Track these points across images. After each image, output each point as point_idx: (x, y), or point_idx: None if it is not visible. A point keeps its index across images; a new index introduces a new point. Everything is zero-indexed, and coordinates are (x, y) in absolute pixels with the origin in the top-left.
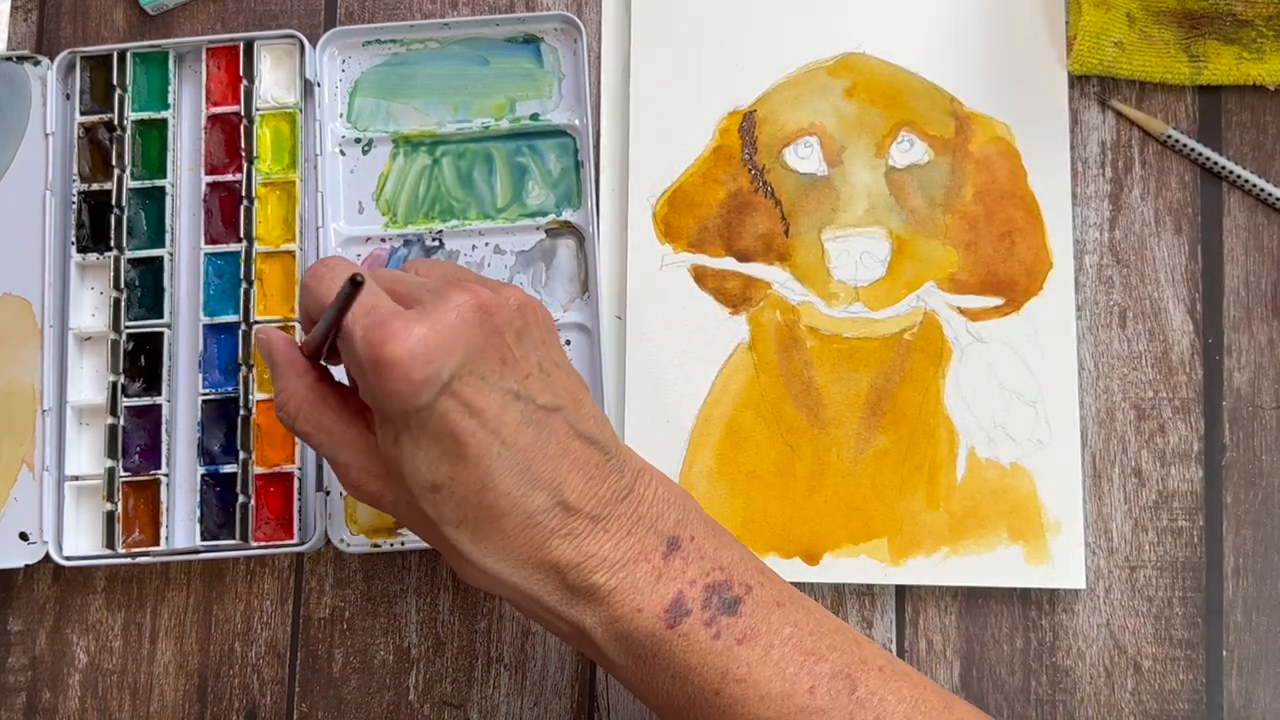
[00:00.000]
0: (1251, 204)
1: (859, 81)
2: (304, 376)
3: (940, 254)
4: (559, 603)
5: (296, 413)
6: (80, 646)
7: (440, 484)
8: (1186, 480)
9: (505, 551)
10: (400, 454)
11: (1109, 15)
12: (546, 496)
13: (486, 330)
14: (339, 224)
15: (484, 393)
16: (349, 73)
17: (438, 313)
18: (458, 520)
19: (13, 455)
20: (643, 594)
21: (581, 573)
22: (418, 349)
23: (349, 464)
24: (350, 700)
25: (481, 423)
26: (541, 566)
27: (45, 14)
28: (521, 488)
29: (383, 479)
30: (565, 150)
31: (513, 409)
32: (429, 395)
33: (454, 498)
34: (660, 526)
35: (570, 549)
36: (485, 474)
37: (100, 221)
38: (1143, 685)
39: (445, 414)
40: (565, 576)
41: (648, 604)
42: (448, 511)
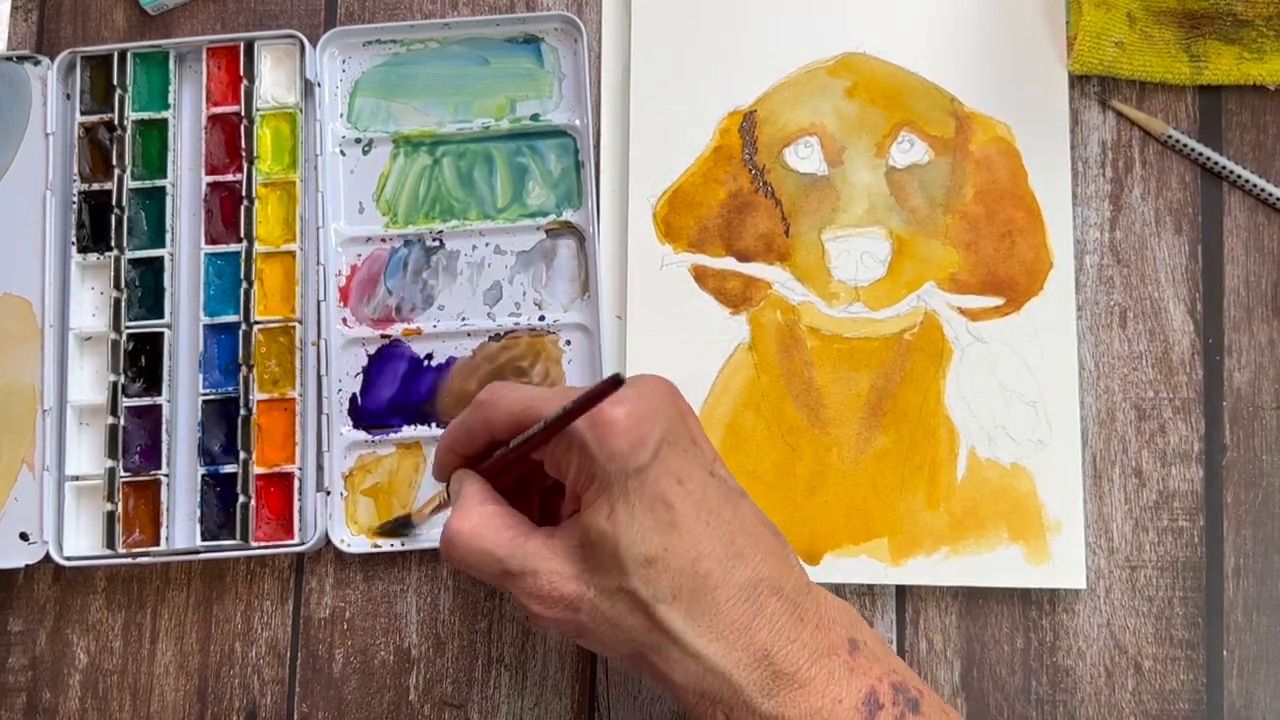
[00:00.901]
0: (1252, 204)
1: (859, 81)
2: (487, 501)
3: (940, 254)
4: (760, 693)
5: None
6: (80, 646)
7: (655, 556)
8: (1187, 480)
9: (718, 628)
10: (615, 526)
11: (1109, 15)
12: (751, 571)
13: (678, 409)
14: (339, 224)
15: (686, 464)
16: (349, 73)
17: (638, 387)
18: (672, 595)
19: (13, 455)
20: (840, 685)
21: (787, 655)
22: (634, 411)
23: (538, 571)
24: (350, 700)
25: (688, 491)
26: (750, 648)
27: (45, 14)
28: (730, 559)
29: (578, 578)
30: (565, 150)
31: (711, 485)
32: (646, 456)
33: (669, 570)
34: (838, 629)
35: (776, 631)
36: (697, 541)
37: (100, 221)
38: (1143, 685)
39: (658, 479)
40: (772, 659)
41: (846, 695)
42: (663, 586)
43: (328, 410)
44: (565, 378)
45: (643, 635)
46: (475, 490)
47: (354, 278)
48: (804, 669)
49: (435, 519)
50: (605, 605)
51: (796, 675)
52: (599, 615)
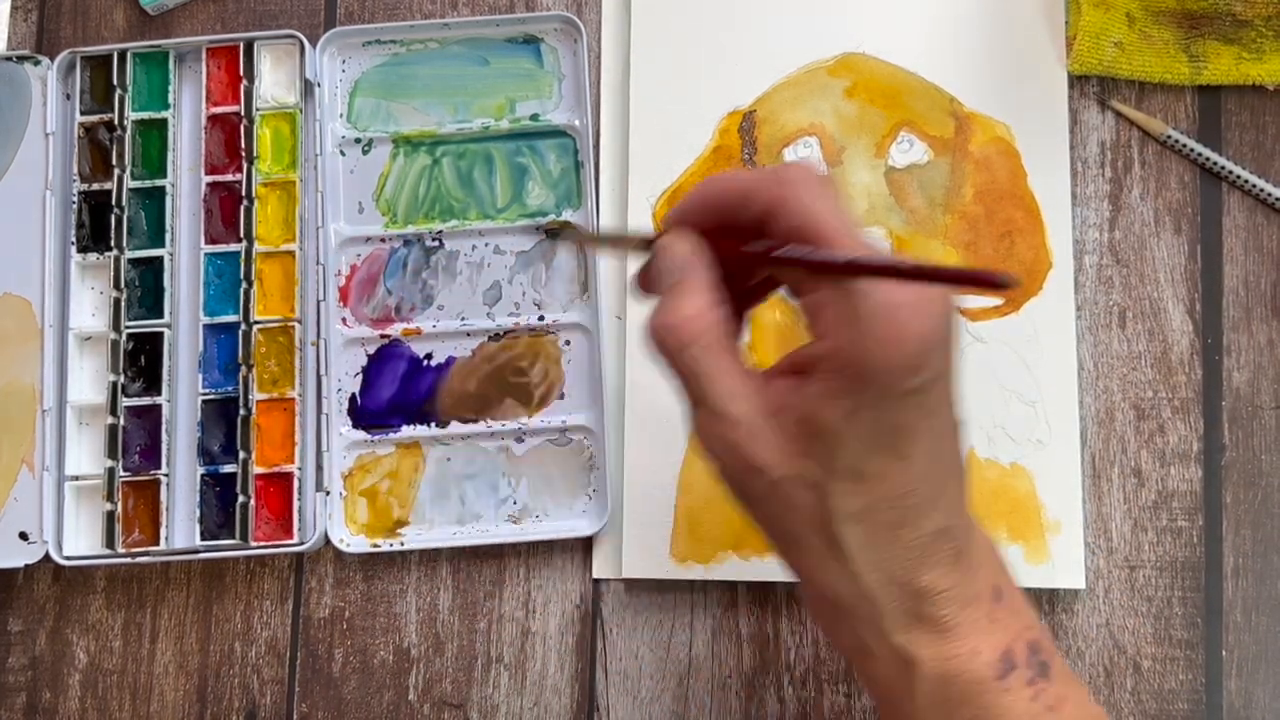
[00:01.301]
0: (1251, 204)
1: (859, 81)
2: (712, 304)
3: (940, 254)
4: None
5: (696, 332)
6: (80, 646)
7: (866, 474)
8: (1186, 480)
9: (886, 562)
10: (848, 429)
11: (1109, 15)
12: (942, 518)
13: (956, 335)
14: (339, 224)
15: (945, 396)
16: (349, 73)
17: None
18: (860, 516)
19: (13, 455)
20: (981, 636)
21: (939, 602)
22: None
23: (739, 419)
24: (350, 700)
25: (931, 426)
26: (907, 587)
27: (45, 14)
28: (930, 503)
29: (778, 449)
30: (565, 150)
31: (949, 423)
32: (921, 381)
33: (871, 493)
34: (985, 571)
35: (938, 576)
36: (914, 480)
37: (100, 221)
38: (1142, 685)
39: (915, 407)
40: (922, 602)
41: (985, 647)
42: (855, 503)
43: (327, 410)
44: (565, 378)
45: (809, 535)
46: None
47: (353, 278)
48: (950, 615)
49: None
50: (788, 489)
51: (941, 621)
52: (774, 494)
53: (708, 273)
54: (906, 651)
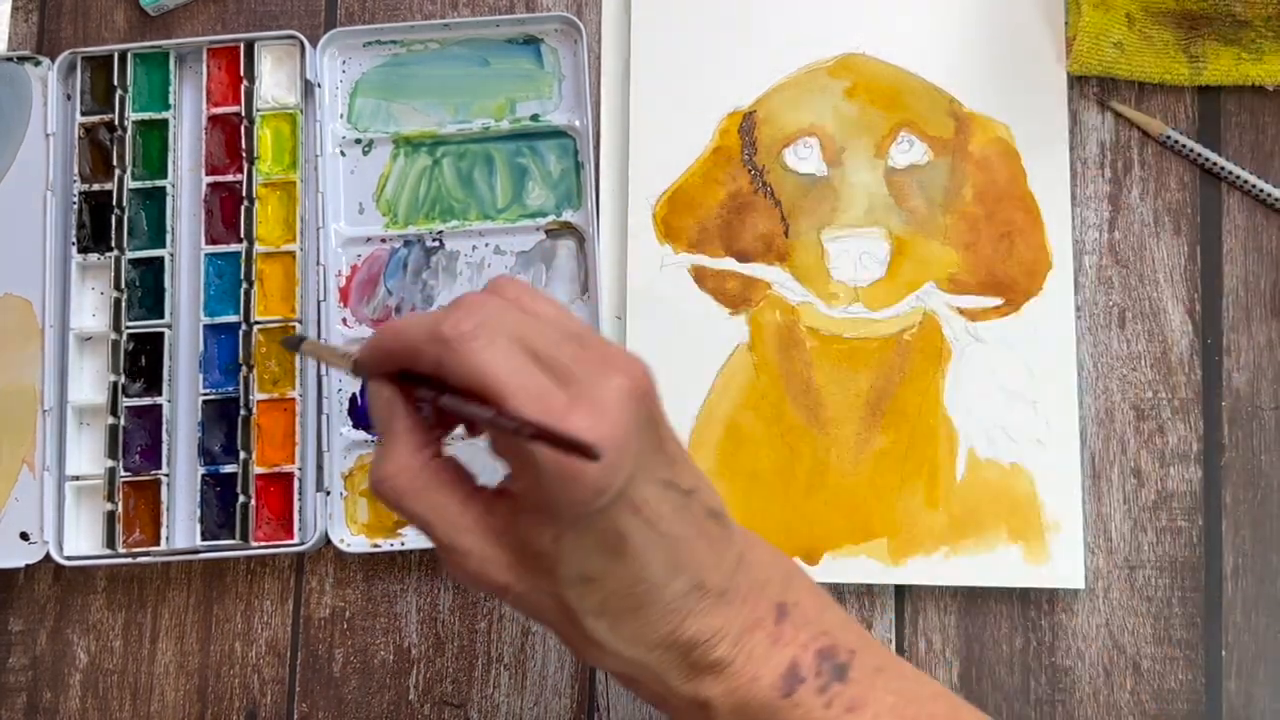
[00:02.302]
0: (1250, 204)
1: (859, 82)
2: (421, 452)
3: (940, 254)
4: (680, 679)
5: (407, 490)
6: (81, 646)
7: (594, 576)
8: (1185, 480)
9: (640, 637)
10: (559, 550)
11: (1108, 16)
12: (686, 581)
13: (646, 420)
14: (339, 224)
15: (646, 487)
16: (349, 73)
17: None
18: (599, 610)
19: (13, 455)
20: (758, 663)
21: (707, 648)
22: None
23: (469, 552)
24: (350, 700)
25: (643, 519)
26: (672, 646)
27: (46, 14)
28: (667, 575)
29: (511, 568)
30: (565, 151)
31: (666, 499)
32: (608, 500)
33: (603, 590)
34: (769, 592)
35: (699, 626)
36: (640, 568)
37: (101, 222)
38: (1142, 685)
39: (616, 515)
40: (691, 654)
41: (763, 672)
42: (592, 603)
43: (327, 410)
44: None
45: (564, 628)
46: (403, 432)
47: (354, 278)
48: (724, 653)
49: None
50: (532, 599)
51: (716, 663)
52: (523, 603)
53: (407, 420)
54: (697, 696)
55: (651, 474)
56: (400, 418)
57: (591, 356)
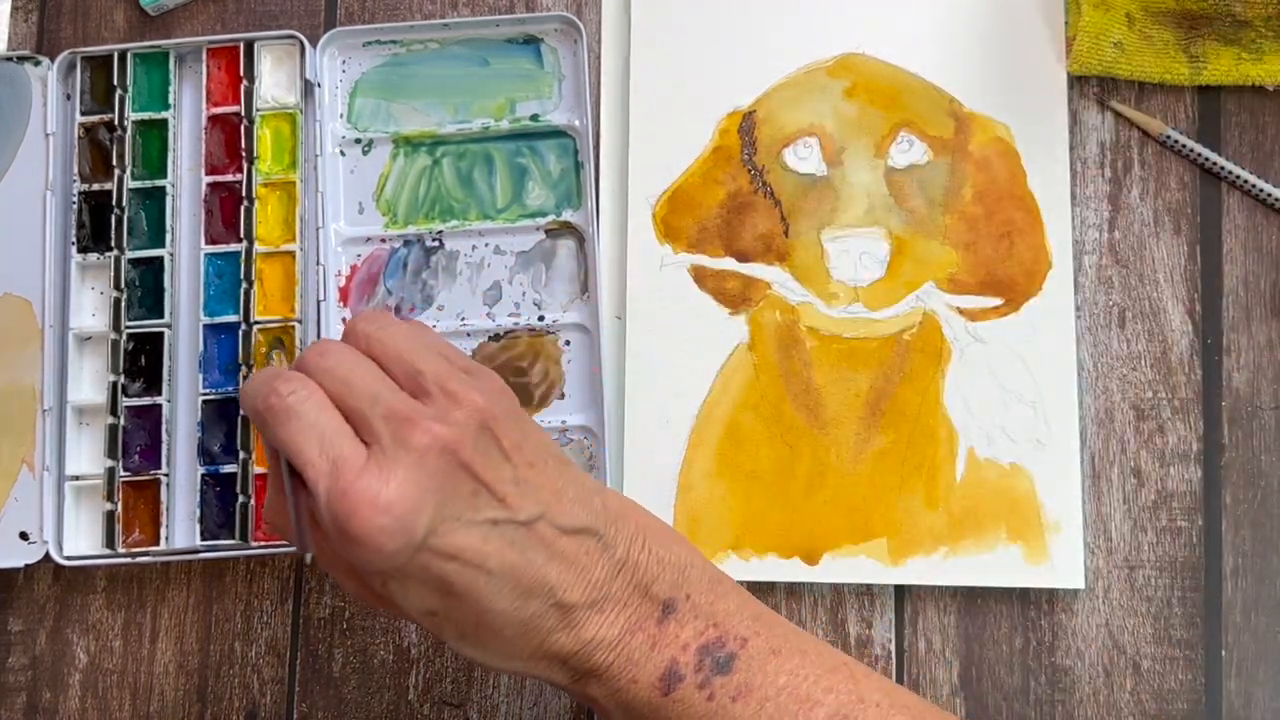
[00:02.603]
0: (1250, 204)
1: (858, 82)
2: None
3: (940, 254)
4: (566, 681)
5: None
6: (80, 646)
7: (435, 611)
8: (1185, 480)
9: (509, 654)
10: (389, 594)
11: (1108, 15)
12: (540, 602)
13: (453, 469)
14: (339, 224)
15: (462, 534)
16: (349, 73)
17: (399, 466)
18: (458, 637)
19: (13, 455)
20: (638, 666)
21: (581, 658)
22: (386, 522)
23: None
24: (350, 700)
25: (464, 563)
26: (546, 657)
27: (45, 14)
28: (515, 603)
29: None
30: (565, 151)
31: (493, 537)
32: (404, 559)
33: (450, 621)
34: (655, 590)
35: (569, 640)
36: (476, 601)
37: (100, 221)
38: (1142, 685)
39: (426, 565)
40: (567, 663)
41: (642, 675)
42: (448, 631)
43: None
44: (565, 378)
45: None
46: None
47: (354, 278)
48: (602, 660)
49: None
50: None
51: (594, 668)
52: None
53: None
54: (585, 694)
55: (469, 518)
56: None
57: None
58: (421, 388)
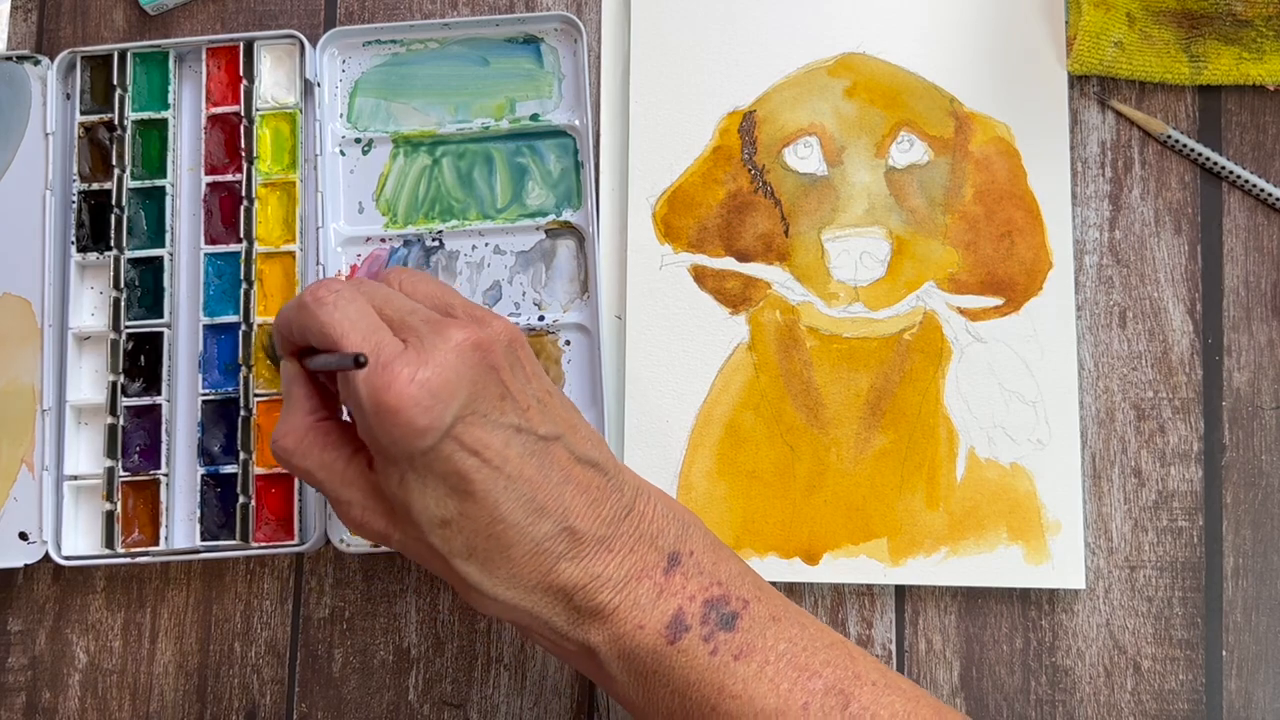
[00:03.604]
0: (1251, 204)
1: (859, 81)
2: (311, 414)
3: (940, 254)
4: (566, 624)
5: (295, 449)
6: (80, 646)
7: (449, 519)
8: (1186, 480)
9: (515, 579)
10: (407, 493)
11: (1109, 15)
12: (553, 523)
13: (484, 368)
14: (339, 224)
15: (487, 431)
16: (349, 73)
17: (437, 353)
18: (467, 553)
19: (12, 455)
20: (644, 611)
21: (588, 593)
22: (421, 395)
23: (351, 501)
24: (350, 700)
25: (485, 460)
26: (550, 590)
27: (45, 14)
28: (529, 517)
29: (388, 516)
30: (565, 150)
31: (515, 443)
32: (433, 439)
33: (463, 532)
34: (661, 543)
35: (577, 571)
36: (493, 508)
37: (100, 221)
38: (1142, 685)
39: (450, 456)
40: (572, 598)
41: (649, 621)
42: (457, 545)
43: None
44: (565, 378)
45: (447, 575)
46: (300, 399)
47: (353, 278)
48: (607, 601)
49: None
50: (411, 545)
51: (600, 608)
52: (408, 549)
53: (303, 389)
54: (584, 642)
55: (493, 419)
56: (297, 386)
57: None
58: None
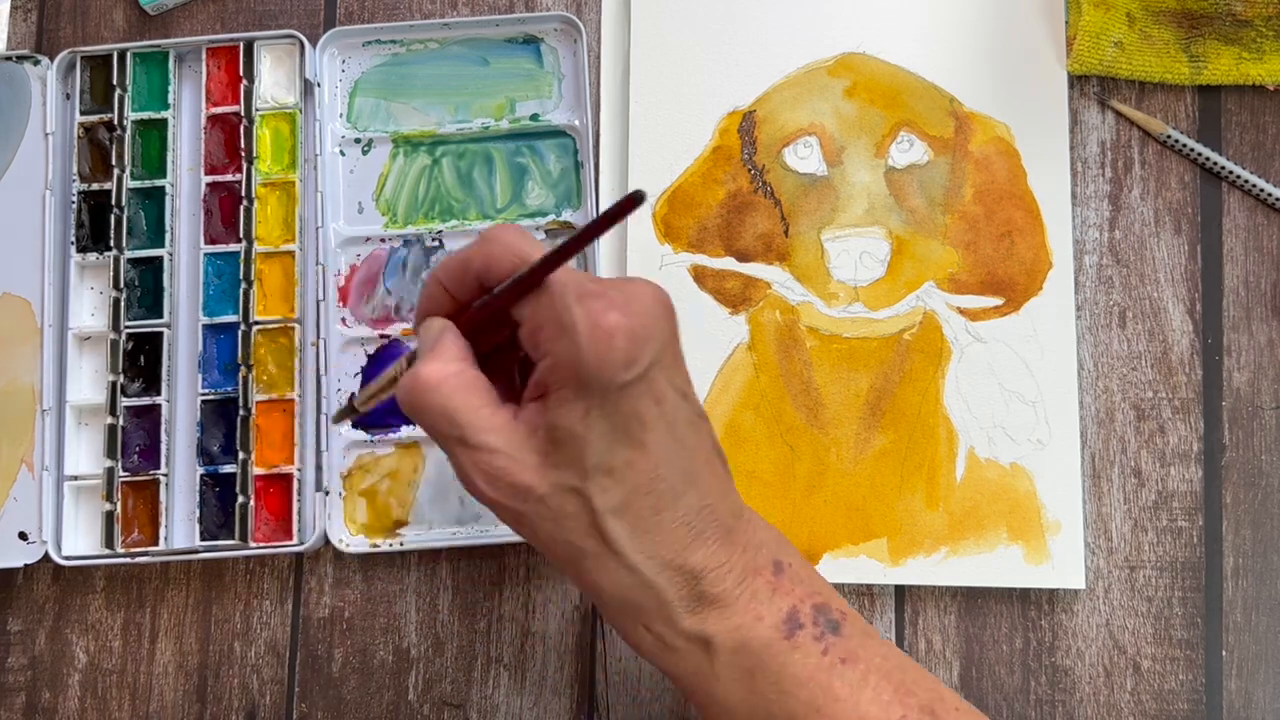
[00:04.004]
0: (1251, 204)
1: (859, 81)
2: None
3: (940, 254)
4: (685, 610)
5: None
6: (80, 646)
7: (616, 468)
8: (1186, 480)
9: (656, 547)
10: (588, 430)
11: (1109, 15)
12: (698, 498)
13: (672, 326)
14: (339, 224)
15: (667, 386)
16: (349, 73)
17: (641, 298)
18: (622, 508)
19: (12, 455)
20: (762, 604)
21: (714, 578)
22: (637, 326)
23: (495, 449)
24: (350, 700)
25: (663, 413)
26: (681, 569)
27: (45, 14)
28: (683, 484)
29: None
30: (565, 151)
31: (683, 408)
32: (636, 372)
33: (625, 484)
34: (765, 551)
35: (708, 554)
36: (658, 464)
37: (100, 221)
38: (1142, 685)
39: (640, 396)
40: (700, 581)
41: (768, 613)
42: (614, 497)
43: (327, 410)
44: None
45: (582, 539)
46: (451, 342)
47: (353, 278)
48: (730, 589)
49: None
50: (554, 502)
51: (722, 596)
52: (544, 510)
53: (451, 335)
54: (700, 632)
55: (671, 375)
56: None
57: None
58: None
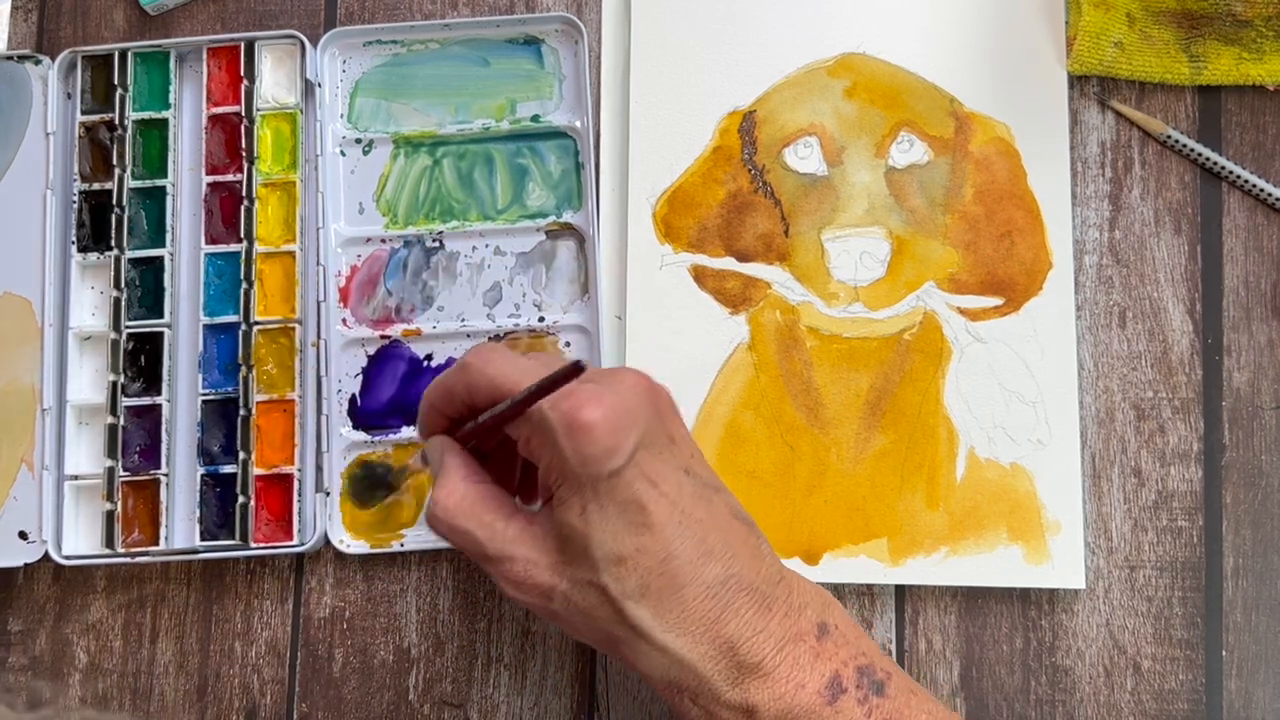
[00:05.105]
0: (1251, 204)
1: (859, 81)
2: (469, 479)
3: (940, 254)
4: (726, 683)
5: (456, 509)
6: (80, 646)
7: (626, 555)
8: (1186, 480)
9: (685, 623)
10: (588, 525)
11: (1109, 15)
12: (721, 569)
13: (656, 409)
14: (339, 224)
15: (661, 465)
16: (349, 73)
17: (616, 387)
18: (641, 592)
19: (12, 455)
20: (804, 671)
21: (751, 646)
22: (610, 415)
23: (514, 558)
24: (350, 700)
25: (663, 493)
26: (716, 641)
27: (45, 14)
28: (700, 558)
29: (552, 568)
30: (566, 151)
31: (686, 484)
32: (620, 460)
33: (639, 569)
34: (809, 613)
35: (742, 624)
36: (668, 543)
37: (101, 221)
38: (1142, 685)
39: (632, 483)
40: (737, 651)
41: (809, 680)
42: (631, 584)
43: (327, 411)
44: None
45: (612, 627)
46: (457, 464)
47: (354, 278)
48: (769, 658)
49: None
50: (577, 596)
51: (761, 665)
52: (571, 605)
53: (456, 457)
54: (744, 703)
55: (665, 456)
56: (451, 455)
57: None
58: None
